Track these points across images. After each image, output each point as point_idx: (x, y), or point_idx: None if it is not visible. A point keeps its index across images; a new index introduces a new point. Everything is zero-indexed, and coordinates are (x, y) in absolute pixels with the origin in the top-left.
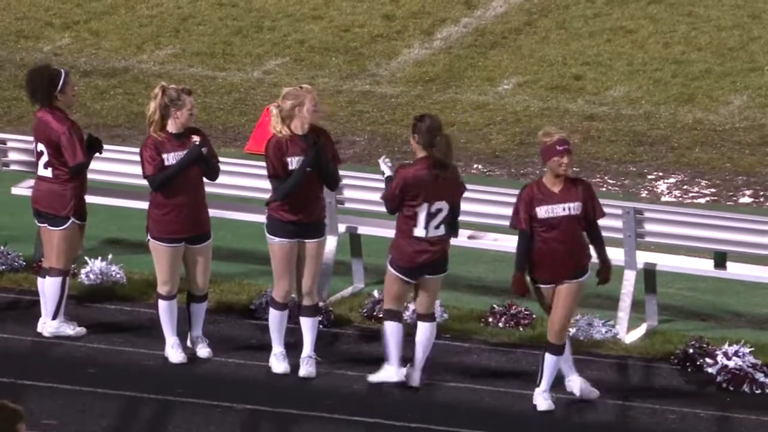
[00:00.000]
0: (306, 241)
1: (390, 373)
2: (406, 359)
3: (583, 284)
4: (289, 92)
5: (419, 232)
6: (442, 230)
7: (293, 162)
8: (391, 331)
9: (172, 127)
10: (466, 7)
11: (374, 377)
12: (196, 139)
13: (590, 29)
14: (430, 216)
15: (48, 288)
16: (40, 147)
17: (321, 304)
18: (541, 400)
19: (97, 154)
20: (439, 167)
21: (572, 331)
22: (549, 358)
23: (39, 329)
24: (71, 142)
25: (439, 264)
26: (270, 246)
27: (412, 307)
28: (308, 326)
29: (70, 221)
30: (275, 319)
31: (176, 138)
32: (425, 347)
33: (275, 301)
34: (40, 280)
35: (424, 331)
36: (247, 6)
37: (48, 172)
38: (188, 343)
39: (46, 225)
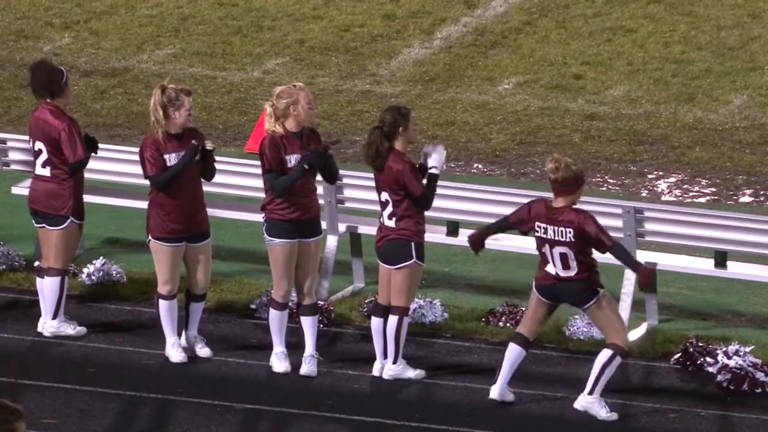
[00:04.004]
0: (305, 240)
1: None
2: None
3: None
4: (282, 91)
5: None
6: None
7: (291, 160)
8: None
9: (169, 126)
10: (466, 6)
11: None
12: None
13: (590, 29)
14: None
15: (47, 288)
16: (39, 145)
17: (321, 303)
18: (605, 411)
19: (93, 155)
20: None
21: (572, 330)
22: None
23: (39, 329)
24: (71, 137)
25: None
26: (270, 248)
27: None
28: (309, 325)
29: (69, 221)
30: (275, 319)
31: (176, 138)
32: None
33: (275, 301)
34: (39, 280)
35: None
36: (247, 5)
37: (46, 171)
38: (183, 342)
39: (44, 225)
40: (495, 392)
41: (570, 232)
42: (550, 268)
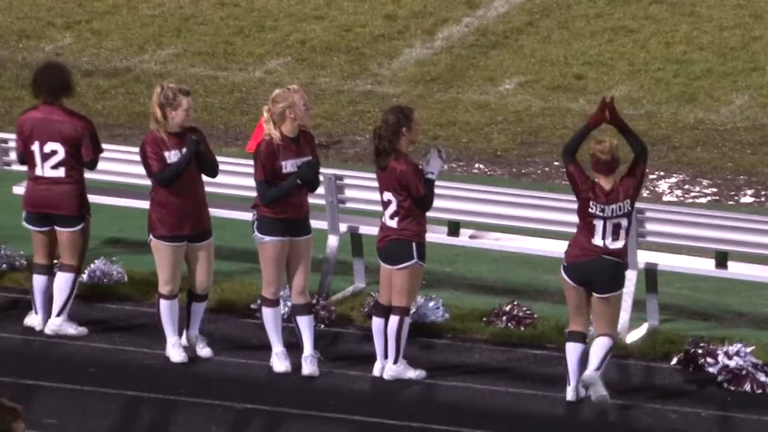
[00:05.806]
0: (295, 239)
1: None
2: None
3: None
4: (278, 95)
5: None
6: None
7: (287, 166)
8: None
9: (168, 126)
10: (468, 6)
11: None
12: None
13: (592, 29)
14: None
15: (60, 283)
16: (52, 146)
17: (322, 303)
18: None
19: None
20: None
21: None
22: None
23: (36, 325)
24: (94, 135)
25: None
26: (261, 246)
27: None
28: (305, 324)
29: (86, 218)
30: (269, 316)
31: (175, 137)
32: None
33: (266, 298)
34: (36, 277)
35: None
36: (249, 6)
37: (60, 172)
38: (184, 342)
39: (57, 228)
40: (570, 394)
41: (627, 203)
42: (597, 241)
